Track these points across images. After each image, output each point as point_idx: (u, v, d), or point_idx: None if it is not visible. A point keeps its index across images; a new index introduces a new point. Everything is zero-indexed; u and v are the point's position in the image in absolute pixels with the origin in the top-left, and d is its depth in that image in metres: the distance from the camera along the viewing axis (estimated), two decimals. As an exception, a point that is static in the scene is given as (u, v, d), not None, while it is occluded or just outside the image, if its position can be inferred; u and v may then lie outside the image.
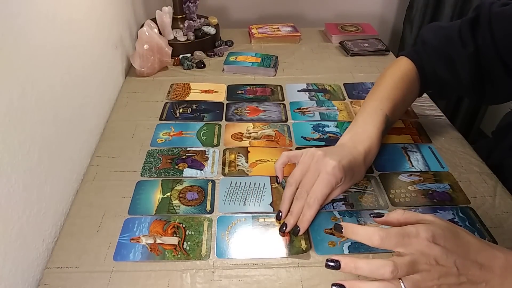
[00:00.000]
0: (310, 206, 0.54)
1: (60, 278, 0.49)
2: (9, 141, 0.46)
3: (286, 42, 1.11)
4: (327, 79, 0.93)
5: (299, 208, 0.55)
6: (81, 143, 0.67)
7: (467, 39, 0.63)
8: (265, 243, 0.54)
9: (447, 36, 0.67)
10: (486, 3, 0.62)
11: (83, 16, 0.70)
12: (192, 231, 0.55)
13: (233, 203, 0.60)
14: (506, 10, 0.59)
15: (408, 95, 0.70)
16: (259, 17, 1.33)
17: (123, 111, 0.81)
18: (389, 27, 1.42)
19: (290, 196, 0.56)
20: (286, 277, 0.50)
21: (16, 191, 0.47)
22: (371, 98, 0.68)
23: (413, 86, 0.71)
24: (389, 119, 0.65)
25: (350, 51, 1.04)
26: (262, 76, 0.94)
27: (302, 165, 0.57)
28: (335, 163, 0.55)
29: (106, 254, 0.52)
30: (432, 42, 0.69)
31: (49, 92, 0.56)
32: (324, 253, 0.53)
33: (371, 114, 0.64)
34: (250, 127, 0.76)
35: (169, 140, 0.72)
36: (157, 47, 0.90)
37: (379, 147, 0.63)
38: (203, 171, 0.65)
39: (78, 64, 0.67)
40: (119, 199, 0.60)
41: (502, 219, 0.58)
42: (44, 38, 0.56)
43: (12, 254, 0.46)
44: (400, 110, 0.70)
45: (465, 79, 0.66)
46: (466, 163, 0.69)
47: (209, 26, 1.06)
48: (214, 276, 0.50)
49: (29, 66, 0.51)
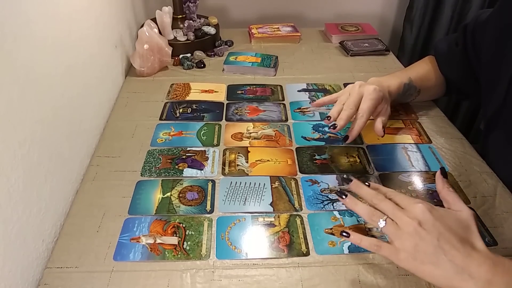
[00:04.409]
0: (359, 117, 0.64)
1: (60, 278, 0.49)
2: (9, 141, 0.46)
3: (286, 42, 1.11)
4: (327, 79, 0.93)
5: (347, 116, 0.64)
6: (81, 143, 0.67)
7: (459, 39, 0.75)
8: (265, 243, 0.54)
9: (450, 38, 0.78)
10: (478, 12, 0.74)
11: (83, 16, 0.70)
12: (192, 231, 0.55)
13: (233, 203, 0.60)
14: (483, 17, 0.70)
15: (432, 73, 0.79)
16: (259, 17, 1.33)
17: (123, 111, 0.80)
18: (389, 27, 1.42)
19: (339, 111, 0.65)
20: (286, 277, 0.50)
21: (16, 191, 0.47)
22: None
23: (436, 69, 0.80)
24: (412, 81, 0.75)
25: (350, 51, 1.04)
26: (262, 76, 0.94)
27: (345, 92, 0.68)
28: (375, 86, 0.67)
29: (106, 254, 0.52)
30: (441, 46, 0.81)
31: (49, 92, 0.56)
32: (324, 253, 0.53)
33: (395, 73, 0.78)
34: (250, 127, 0.76)
35: (169, 140, 0.72)
36: (157, 47, 0.90)
37: (396, 93, 0.73)
38: (203, 171, 0.65)
39: (78, 64, 0.67)
40: (119, 199, 0.60)
41: (502, 219, 0.58)
42: (44, 38, 0.55)
43: (12, 254, 0.46)
44: (426, 81, 0.78)
45: (457, 73, 0.76)
46: (466, 163, 0.69)
47: (209, 26, 1.06)
48: (214, 276, 0.50)
49: (29, 66, 0.51)
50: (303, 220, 0.57)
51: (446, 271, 0.41)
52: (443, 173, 0.50)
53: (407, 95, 0.76)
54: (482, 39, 0.70)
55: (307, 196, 0.61)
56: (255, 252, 0.53)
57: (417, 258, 0.42)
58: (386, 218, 0.45)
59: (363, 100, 0.65)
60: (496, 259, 0.42)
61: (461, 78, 0.77)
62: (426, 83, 0.78)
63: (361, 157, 0.69)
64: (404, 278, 0.50)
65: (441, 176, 0.49)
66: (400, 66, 1.01)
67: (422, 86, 0.77)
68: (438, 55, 0.80)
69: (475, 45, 0.71)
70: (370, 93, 0.65)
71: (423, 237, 0.42)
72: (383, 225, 0.45)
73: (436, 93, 0.82)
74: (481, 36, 0.70)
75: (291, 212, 0.58)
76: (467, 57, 0.74)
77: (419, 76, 0.77)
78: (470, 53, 0.73)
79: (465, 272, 0.40)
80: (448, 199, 0.47)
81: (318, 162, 0.68)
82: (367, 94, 0.65)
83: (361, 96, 0.66)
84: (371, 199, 0.48)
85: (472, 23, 0.73)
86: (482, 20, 0.70)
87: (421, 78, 0.77)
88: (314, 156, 0.69)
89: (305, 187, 0.63)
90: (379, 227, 0.45)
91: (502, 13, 0.65)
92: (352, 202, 0.49)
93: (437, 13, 1.29)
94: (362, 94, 0.66)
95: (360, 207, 0.48)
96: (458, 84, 0.79)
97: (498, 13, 0.66)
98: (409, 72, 0.78)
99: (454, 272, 0.41)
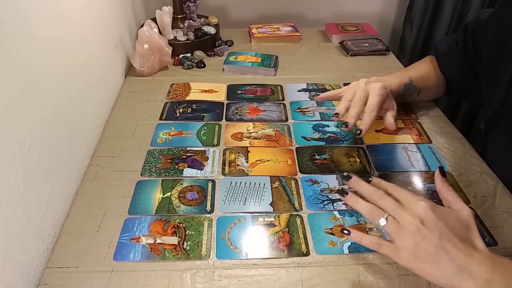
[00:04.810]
0: (368, 112, 0.64)
1: (60, 278, 0.49)
2: (9, 141, 0.46)
3: (286, 42, 1.11)
4: (327, 79, 0.93)
5: (356, 113, 0.64)
6: (81, 143, 0.67)
7: (460, 39, 0.75)
8: (265, 243, 0.54)
9: (450, 38, 0.79)
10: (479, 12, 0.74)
11: (83, 16, 0.70)
12: (192, 231, 0.55)
13: (233, 203, 0.60)
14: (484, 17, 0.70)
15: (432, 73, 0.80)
16: (259, 17, 1.33)
17: (123, 111, 0.80)
18: (389, 27, 1.41)
19: (346, 107, 0.65)
20: (286, 277, 0.50)
21: (16, 191, 0.47)
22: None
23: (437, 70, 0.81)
24: (412, 81, 0.76)
25: (350, 51, 1.04)
26: (262, 76, 0.94)
27: (351, 89, 0.68)
28: (381, 83, 0.67)
29: (106, 254, 0.52)
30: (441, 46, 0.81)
31: (49, 92, 0.56)
32: (324, 253, 0.53)
33: (396, 73, 0.78)
34: (250, 127, 0.76)
35: (169, 140, 0.72)
36: (157, 47, 0.90)
37: (397, 92, 0.74)
38: (203, 171, 0.65)
39: (78, 64, 0.67)
40: (119, 199, 0.60)
41: (502, 219, 0.58)
42: (44, 38, 0.55)
43: (12, 254, 0.46)
44: (426, 81, 0.78)
45: (457, 73, 0.76)
46: (466, 163, 0.69)
47: (209, 26, 1.06)
48: (214, 276, 0.50)
49: (29, 66, 0.51)
50: (303, 220, 0.57)
51: (446, 270, 0.41)
52: (441, 172, 0.50)
53: (407, 95, 0.77)
54: (482, 39, 0.70)
55: (307, 196, 0.61)
56: (255, 252, 0.53)
57: (418, 256, 0.42)
58: (387, 216, 0.45)
59: (370, 95, 0.65)
60: (496, 259, 0.42)
61: (461, 78, 0.77)
62: (427, 83, 0.78)
63: (361, 157, 0.69)
64: (404, 278, 0.50)
65: (440, 175, 0.49)
66: (400, 66, 1.01)
67: (422, 86, 0.77)
68: (438, 55, 0.80)
69: (476, 45, 0.71)
70: (378, 89, 0.66)
71: (425, 235, 0.42)
72: (384, 223, 0.44)
73: (436, 93, 0.82)
74: (481, 36, 0.70)
75: (291, 212, 0.58)
76: (467, 57, 0.74)
77: (420, 76, 0.77)
78: (470, 53, 0.73)
79: (465, 272, 0.40)
80: (448, 198, 0.47)
81: (318, 162, 0.68)
82: (375, 90, 0.66)
83: (367, 93, 0.66)
84: (371, 195, 0.47)
85: (473, 23, 0.73)
86: (483, 20, 0.70)
87: (421, 78, 0.77)
88: (314, 156, 0.69)
89: (305, 187, 0.63)
90: (380, 225, 0.45)
91: (502, 13, 0.65)
92: (353, 200, 0.48)
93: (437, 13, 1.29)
94: (368, 91, 0.66)
95: (361, 204, 0.47)
96: (458, 84, 0.79)
97: (499, 13, 0.66)
98: (410, 72, 0.78)
99: (455, 271, 0.41)
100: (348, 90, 0.68)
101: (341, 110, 0.66)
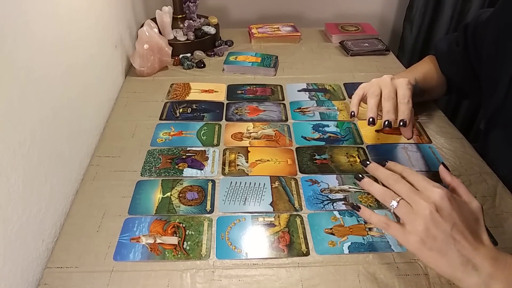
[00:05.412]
0: (405, 103, 0.61)
1: (60, 278, 0.49)
2: (9, 141, 0.46)
3: (286, 42, 1.11)
4: (327, 79, 0.93)
5: (391, 106, 0.61)
6: (81, 143, 0.67)
7: (460, 39, 0.75)
8: (265, 243, 0.54)
9: (450, 37, 0.79)
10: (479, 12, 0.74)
11: (83, 16, 0.70)
12: (192, 231, 0.55)
13: (233, 203, 0.60)
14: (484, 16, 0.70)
15: (434, 73, 0.79)
16: (259, 17, 1.33)
17: (123, 111, 0.80)
18: (389, 27, 1.41)
19: (376, 103, 0.62)
20: (286, 277, 0.50)
21: (16, 191, 0.47)
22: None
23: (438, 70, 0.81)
24: (417, 82, 0.74)
25: (350, 51, 1.04)
26: (262, 76, 0.94)
27: (374, 85, 0.64)
28: (407, 79, 0.64)
29: (106, 254, 0.52)
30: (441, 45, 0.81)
31: (49, 92, 0.56)
32: (324, 253, 0.53)
33: (401, 74, 0.77)
34: (250, 127, 0.76)
35: (169, 140, 0.72)
36: (157, 47, 0.90)
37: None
38: (203, 171, 0.65)
39: (78, 64, 0.67)
40: (119, 199, 0.60)
41: (502, 219, 0.58)
42: (44, 38, 0.55)
43: (12, 254, 0.46)
44: (429, 81, 0.78)
45: (457, 73, 0.76)
46: (466, 163, 0.69)
47: (209, 26, 1.06)
48: (214, 276, 0.50)
49: (29, 66, 0.51)
50: (303, 220, 0.57)
51: (452, 260, 0.41)
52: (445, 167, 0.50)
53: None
54: (482, 39, 0.70)
55: (307, 196, 0.61)
56: (255, 252, 0.53)
57: (426, 243, 0.42)
58: (399, 199, 0.44)
59: (399, 88, 0.63)
60: (499, 254, 0.42)
61: (461, 77, 0.77)
62: (430, 83, 0.78)
63: (361, 157, 0.69)
64: (404, 278, 0.50)
65: (445, 170, 0.49)
66: (400, 66, 1.01)
67: (425, 87, 0.77)
68: (438, 55, 0.80)
69: (476, 45, 0.71)
70: (406, 83, 0.63)
71: (437, 223, 0.42)
72: (395, 206, 0.44)
73: (438, 93, 0.82)
74: (481, 36, 0.70)
75: (291, 212, 0.58)
76: (467, 56, 0.74)
77: (423, 77, 0.77)
78: (470, 52, 0.73)
79: (469, 264, 0.41)
80: (459, 190, 0.47)
81: (318, 162, 0.68)
82: (403, 84, 0.63)
83: (395, 87, 0.63)
84: (386, 179, 0.47)
85: (473, 22, 0.73)
86: (483, 20, 0.70)
87: (424, 79, 0.77)
88: (314, 156, 0.69)
89: (305, 187, 0.63)
90: (391, 208, 0.44)
91: (503, 13, 0.65)
92: (368, 183, 0.48)
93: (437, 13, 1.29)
94: (396, 85, 0.64)
95: (375, 187, 0.47)
96: (458, 84, 0.79)
97: (499, 13, 0.66)
98: (414, 73, 0.77)
99: (460, 262, 0.41)
100: (371, 86, 0.65)
101: (373, 108, 0.62)
